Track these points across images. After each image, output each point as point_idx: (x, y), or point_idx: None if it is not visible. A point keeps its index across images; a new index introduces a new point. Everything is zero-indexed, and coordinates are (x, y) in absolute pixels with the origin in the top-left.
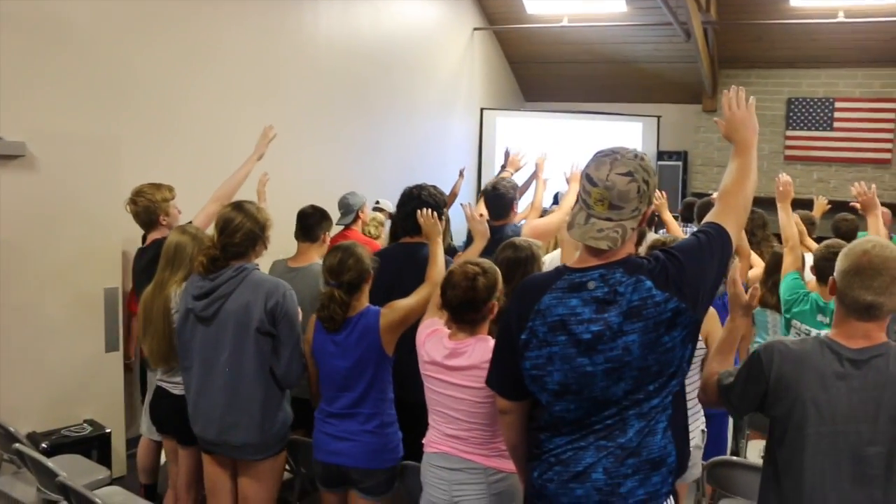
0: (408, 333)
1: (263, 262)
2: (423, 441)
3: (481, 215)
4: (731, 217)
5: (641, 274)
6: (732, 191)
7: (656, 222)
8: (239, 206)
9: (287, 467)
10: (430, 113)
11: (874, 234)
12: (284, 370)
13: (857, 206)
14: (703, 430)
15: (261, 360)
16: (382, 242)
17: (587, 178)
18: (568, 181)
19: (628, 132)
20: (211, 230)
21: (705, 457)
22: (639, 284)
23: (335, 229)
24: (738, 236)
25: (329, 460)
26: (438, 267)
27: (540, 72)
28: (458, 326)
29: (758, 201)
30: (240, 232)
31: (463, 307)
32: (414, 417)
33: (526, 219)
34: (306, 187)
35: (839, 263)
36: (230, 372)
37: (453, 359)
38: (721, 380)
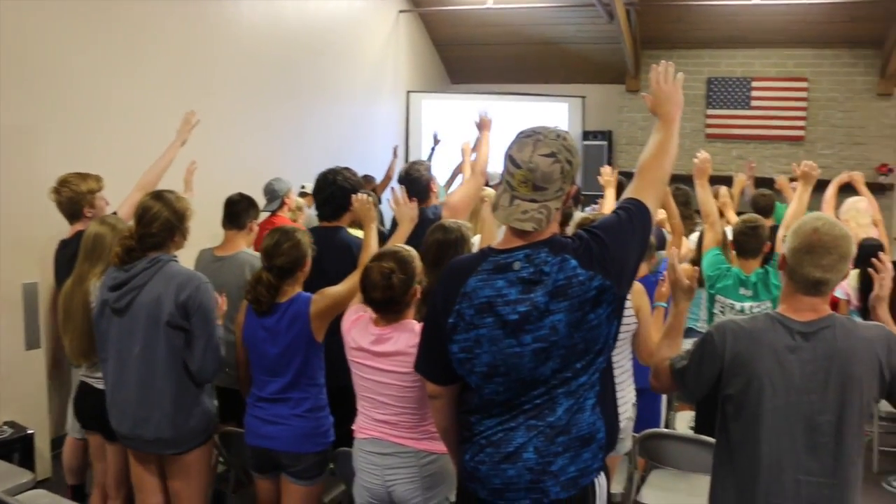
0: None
1: (192, 252)
2: (353, 427)
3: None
4: (649, 191)
5: (566, 253)
6: (652, 165)
7: (583, 200)
8: (158, 196)
9: (221, 459)
10: (356, 96)
11: (800, 205)
12: (198, 365)
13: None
14: (633, 404)
15: (172, 354)
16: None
17: (510, 159)
18: (479, 127)
19: (554, 112)
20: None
21: (638, 429)
22: (564, 264)
23: (262, 216)
24: (657, 209)
25: (259, 444)
26: (371, 253)
27: (465, 54)
28: (380, 316)
29: (682, 179)
30: (157, 221)
31: (383, 304)
32: (343, 402)
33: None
34: (234, 174)
35: (789, 241)
36: (142, 366)
37: (379, 345)
38: (674, 364)
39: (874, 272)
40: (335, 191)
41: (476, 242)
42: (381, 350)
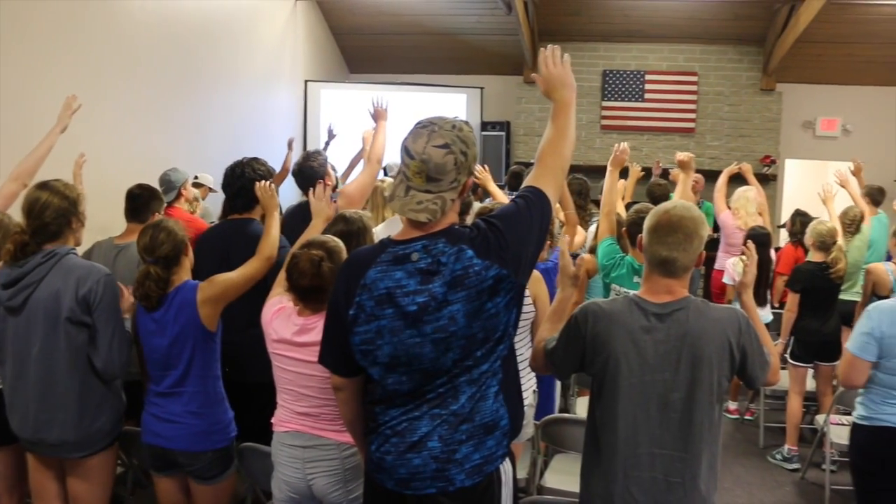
0: (235, 312)
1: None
2: (273, 420)
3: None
4: (549, 179)
5: (463, 243)
6: (550, 152)
7: (480, 193)
8: (44, 185)
9: (119, 460)
10: (254, 85)
11: (682, 193)
12: (104, 362)
13: (680, 164)
14: (534, 391)
15: (74, 352)
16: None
17: (405, 150)
18: (374, 118)
19: (453, 103)
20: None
21: (537, 416)
22: (461, 254)
23: None
24: (556, 197)
25: (156, 442)
26: (271, 241)
27: (364, 43)
28: (304, 304)
29: (579, 169)
30: (49, 210)
31: (310, 293)
32: (251, 399)
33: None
34: (127, 166)
35: (645, 223)
36: (42, 366)
37: (302, 335)
38: (546, 345)
39: (743, 260)
40: (245, 183)
41: (378, 232)
42: (304, 340)
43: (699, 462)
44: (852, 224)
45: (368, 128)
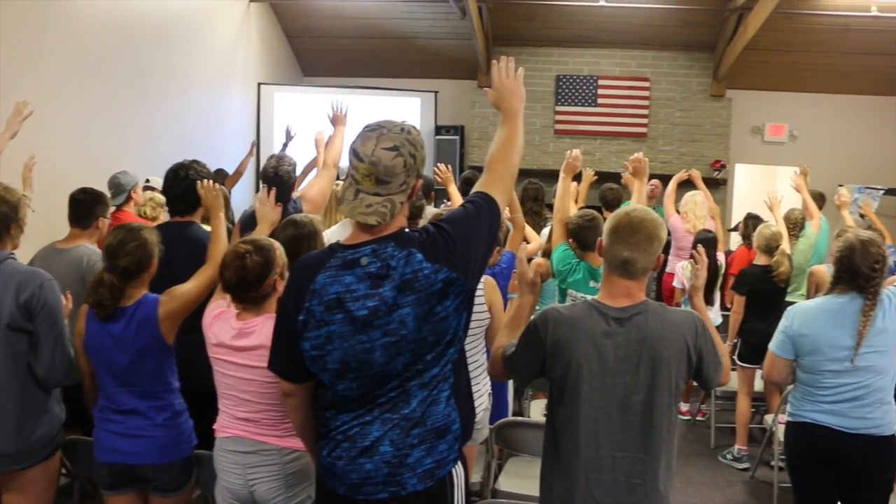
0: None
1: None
2: (214, 427)
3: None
4: (498, 185)
5: (412, 247)
6: (499, 159)
7: (433, 196)
8: None
9: (63, 471)
10: (206, 87)
11: (638, 198)
12: (47, 369)
13: (629, 170)
14: (489, 394)
15: (15, 359)
16: None
17: (354, 153)
18: (332, 122)
19: (407, 107)
20: None
21: (491, 419)
22: (410, 257)
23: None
24: (505, 203)
25: (116, 460)
26: (220, 245)
27: (318, 46)
28: (242, 306)
29: (533, 173)
30: None
31: (237, 287)
32: (196, 404)
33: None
34: (77, 169)
35: (606, 225)
36: None
37: (241, 339)
38: (505, 352)
39: (693, 263)
40: (189, 185)
41: (329, 235)
42: (243, 344)
43: (659, 463)
44: (795, 227)
45: (321, 130)
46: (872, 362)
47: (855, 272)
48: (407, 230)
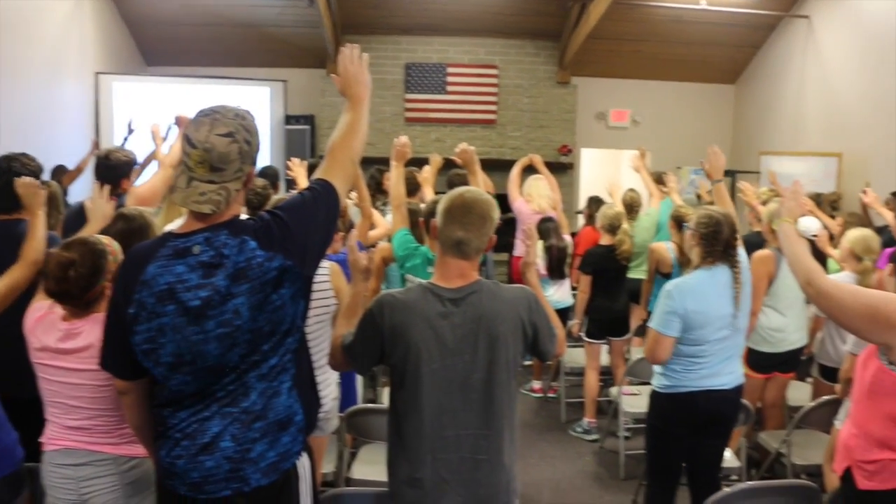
0: (5, 323)
1: None
2: (42, 439)
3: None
4: (338, 172)
5: (246, 235)
6: (341, 145)
7: (279, 186)
8: None
9: None
10: (36, 78)
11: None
12: None
13: (458, 162)
14: (338, 383)
15: None
16: None
17: (186, 139)
18: (178, 123)
19: (256, 97)
20: None
21: (339, 408)
22: (243, 245)
23: None
24: (346, 189)
25: None
26: (35, 243)
27: (161, 34)
28: (68, 310)
29: (384, 161)
30: None
31: (59, 296)
32: (28, 415)
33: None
34: None
35: (439, 206)
36: None
37: (68, 341)
38: (344, 341)
39: (524, 241)
40: (11, 180)
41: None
42: (71, 346)
43: (502, 437)
44: (633, 209)
45: (157, 123)
46: (742, 324)
47: (725, 244)
48: (242, 218)
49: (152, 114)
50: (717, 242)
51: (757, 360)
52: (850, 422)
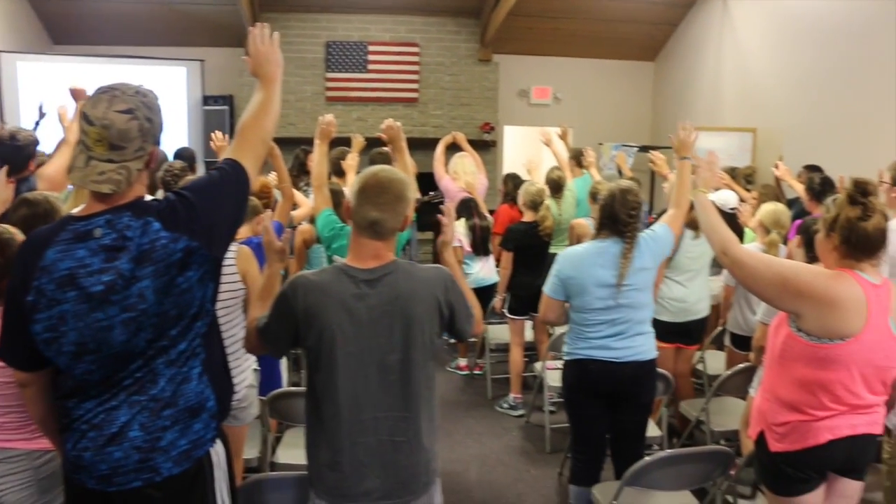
0: None
1: None
2: None
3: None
4: (247, 152)
5: (150, 216)
6: (251, 125)
7: (196, 168)
8: None
9: None
10: None
11: (402, 166)
12: None
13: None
14: (255, 370)
15: None
16: None
17: (84, 117)
18: (73, 96)
19: (172, 77)
20: None
21: (263, 392)
22: (147, 227)
23: None
24: (256, 169)
25: None
26: None
27: (69, 10)
28: None
29: (306, 141)
30: None
31: None
32: None
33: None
34: None
35: (353, 186)
36: None
37: None
38: (258, 324)
39: (441, 219)
40: None
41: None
42: None
43: (420, 419)
44: (557, 188)
45: (64, 105)
46: (632, 299)
47: (615, 218)
48: (145, 199)
49: (61, 96)
50: (609, 216)
51: (660, 329)
52: (762, 387)
